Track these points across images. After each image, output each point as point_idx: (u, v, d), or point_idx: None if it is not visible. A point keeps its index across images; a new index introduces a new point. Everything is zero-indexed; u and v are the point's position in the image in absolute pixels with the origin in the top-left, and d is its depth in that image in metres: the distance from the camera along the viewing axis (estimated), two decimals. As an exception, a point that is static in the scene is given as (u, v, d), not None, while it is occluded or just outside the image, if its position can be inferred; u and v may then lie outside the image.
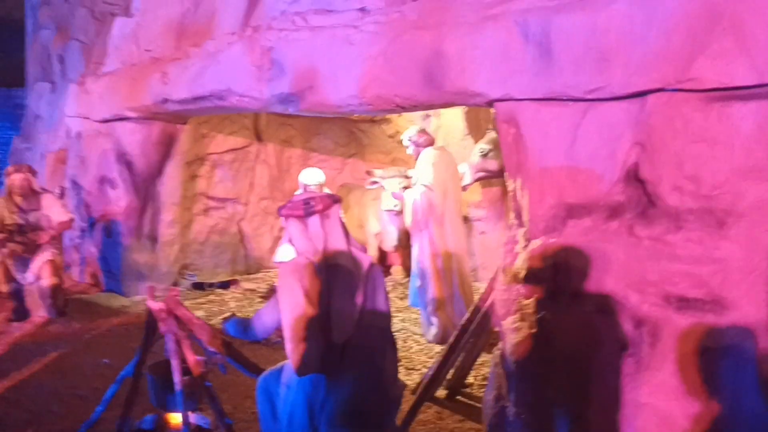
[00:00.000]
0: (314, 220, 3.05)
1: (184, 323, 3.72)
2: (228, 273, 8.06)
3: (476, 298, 5.87)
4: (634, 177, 3.24)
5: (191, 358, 3.64)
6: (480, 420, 3.99)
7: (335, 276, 3.00)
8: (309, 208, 3.06)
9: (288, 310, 2.97)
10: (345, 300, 2.99)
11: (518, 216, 3.78)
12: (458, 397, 4.40)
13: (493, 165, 6.14)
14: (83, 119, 7.38)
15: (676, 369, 3.04)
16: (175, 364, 3.56)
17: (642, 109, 3.18)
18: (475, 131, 7.40)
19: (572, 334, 3.35)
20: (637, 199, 3.24)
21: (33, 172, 6.43)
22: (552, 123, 3.47)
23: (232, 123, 7.84)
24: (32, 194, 6.32)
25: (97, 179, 7.13)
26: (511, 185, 3.78)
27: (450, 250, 5.48)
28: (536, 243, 3.54)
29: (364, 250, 3.20)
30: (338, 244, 3.06)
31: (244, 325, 3.28)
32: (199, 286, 7.43)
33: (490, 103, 3.77)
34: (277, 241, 8.52)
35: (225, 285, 7.53)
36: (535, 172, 3.55)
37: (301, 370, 2.98)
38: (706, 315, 2.98)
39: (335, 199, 3.15)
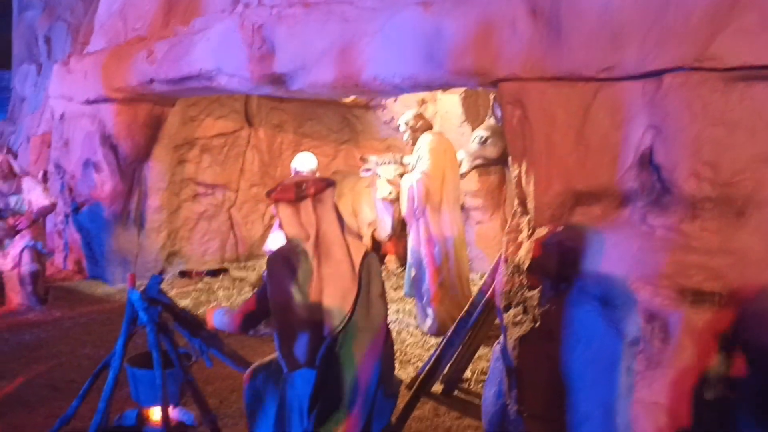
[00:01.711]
0: (306, 205, 2.83)
1: (167, 313, 3.52)
2: (217, 261, 7.83)
3: (473, 289, 5.70)
4: (647, 162, 3.05)
5: (174, 349, 3.44)
6: (478, 416, 3.81)
7: (328, 263, 2.80)
8: (301, 191, 2.84)
9: (277, 300, 2.77)
10: (338, 289, 2.78)
11: (522, 203, 3.58)
12: (455, 393, 4.21)
13: (491, 152, 5.97)
14: (67, 100, 7.12)
15: (689, 367, 2.87)
16: (156, 356, 3.35)
17: (657, 89, 2.98)
18: (473, 118, 7.20)
19: (578, 328, 3.17)
20: (650, 186, 3.05)
21: (13, 154, 6.19)
22: (560, 105, 3.26)
23: (222, 106, 7.59)
24: (12, 177, 6.06)
25: (81, 162, 6.87)
26: (515, 171, 3.57)
27: (447, 239, 5.28)
28: (542, 232, 3.34)
29: (359, 237, 2.99)
30: (331, 230, 2.85)
31: (226, 316, 3.06)
32: (186, 274, 7.20)
33: (495, 84, 3.56)
34: (268, 229, 8.30)
35: (214, 273, 7.30)
36: (541, 157, 3.35)
37: (291, 364, 2.79)
38: (723, 310, 2.80)
39: (328, 183, 2.94)
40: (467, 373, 4.40)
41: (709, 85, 2.83)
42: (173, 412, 3.56)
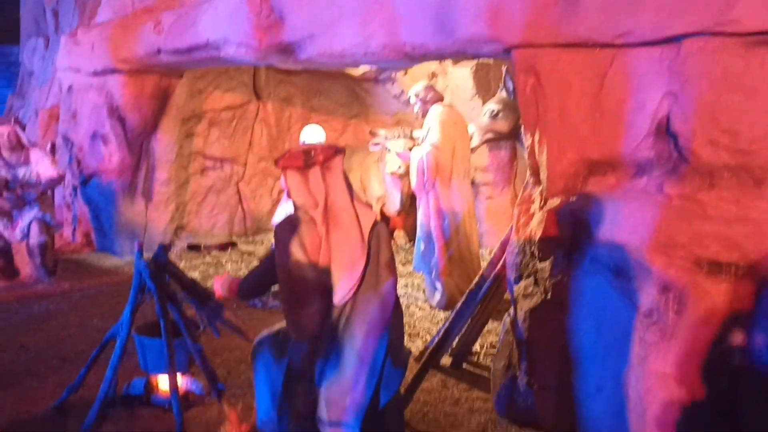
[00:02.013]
0: (315, 172, 2.78)
1: (175, 282, 3.50)
2: (225, 235, 7.81)
3: (483, 264, 5.66)
4: (664, 130, 2.98)
5: (182, 318, 3.43)
6: (487, 389, 3.79)
7: (337, 232, 2.75)
8: (309, 158, 2.78)
9: (285, 269, 2.73)
10: (347, 258, 2.74)
11: (535, 174, 3.52)
12: (464, 365, 4.18)
13: (502, 126, 5.84)
14: (74, 72, 7.06)
15: (704, 339, 2.82)
16: (163, 325, 3.34)
17: (675, 55, 2.90)
18: (484, 91, 7.10)
19: (590, 299, 3.12)
20: (667, 155, 2.98)
21: (21, 125, 6.15)
22: (575, 72, 3.18)
23: (230, 79, 7.51)
24: (20, 148, 6.04)
25: (89, 135, 6.83)
26: (528, 141, 3.50)
27: (456, 213, 5.22)
28: (554, 202, 3.28)
29: (369, 206, 2.94)
30: (340, 198, 2.80)
31: (238, 284, 3.03)
32: (195, 248, 7.19)
33: (507, 51, 3.48)
34: (276, 203, 8.26)
35: (222, 247, 7.29)
36: (555, 126, 3.27)
37: (299, 333, 2.76)
38: (740, 280, 2.74)
39: (337, 150, 2.88)
40: (476, 347, 4.37)
41: (730, 50, 2.75)
42: (181, 381, 3.55)
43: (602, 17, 3.02)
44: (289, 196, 2.90)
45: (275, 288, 3.10)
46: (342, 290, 2.73)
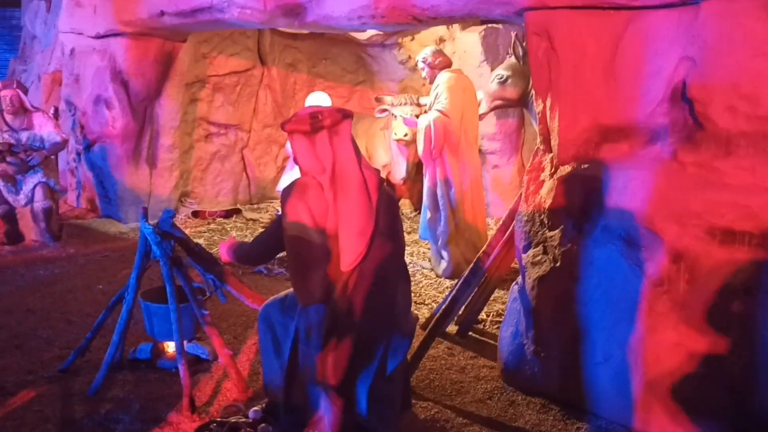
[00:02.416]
0: (322, 136, 2.73)
1: (181, 248, 3.47)
2: (230, 202, 7.77)
3: (489, 233, 5.62)
4: (680, 96, 2.90)
5: (188, 284, 3.41)
6: (493, 357, 3.78)
7: (344, 198, 2.71)
8: (316, 122, 2.73)
9: (292, 234, 2.70)
10: (354, 224, 2.70)
11: (546, 140, 3.45)
12: (470, 334, 4.17)
13: (511, 93, 5.74)
14: (77, 35, 6.94)
15: (715, 309, 2.79)
16: (170, 290, 3.32)
17: (694, 19, 2.82)
18: (493, 57, 6.97)
19: (600, 268, 3.08)
20: (682, 122, 2.91)
21: (23, 89, 6.06)
22: (590, 35, 3.10)
23: (235, 43, 7.40)
24: (23, 112, 5.98)
25: (92, 99, 6.74)
26: (539, 106, 3.43)
27: (464, 181, 5.16)
28: (566, 169, 3.22)
29: (377, 171, 2.89)
30: (348, 163, 2.76)
31: (244, 250, 3.00)
32: (199, 215, 7.16)
33: (520, 13, 3.39)
34: (280, 171, 8.20)
35: (226, 214, 7.25)
36: (568, 91, 3.20)
37: (306, 299, 2.74)
38: (755, 250, 2.69)
39: (345, 114, 2.82)
40: (482, 315, 4.35)
41: (752, 13, 2.66)
42: (188, 346, 3.54)
43: (620, -21, 2.93)
44: (295, 160, 2.85)
45: (281, 255, 3.07)
46: (349, 257, 2.70)
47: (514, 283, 3.60)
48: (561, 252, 3.22)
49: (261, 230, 6.72)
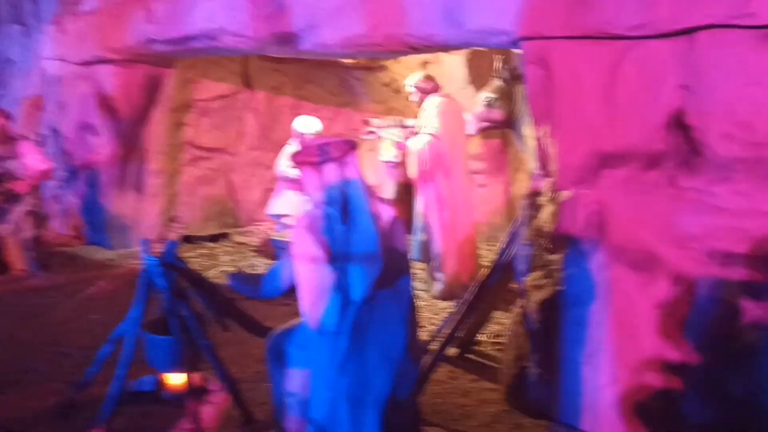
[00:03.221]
0: (330, 168, 2.76)
1: (183, 279, 3.47)
2: (217, 226, 7.74)
3: (480, 254, 5.69)
4: (677, 123, 2.99)
5: (192, 315, 3.39)
6: (494, 379, 3.82)
7: (355, 229, 2.73)
8: (325, 154, 2.76)
9: (304, 267, 2.71)
10: (367, 255, 2.72)
11: (543, 166, 3.52)
12: (468, 355, 4.20)
13: (498, 115, 5.81)
14: (61, 62, 6.89)
15: (717, 329, 2.86)
16: (174, 323, 3.31)
17: (690, 48, 2.91)
18: (477, 80, 7.06)
19: (604, 292, 3.14)
20: (679, 148, 3.00)
21: (9, 117, 6.00)
22: (587, 64, 3.18)
23: (220, 68, 7.40)
24: (8, 140, 5.90)
25: (77, 126, 6.69)
26: (537, 132, 3.50)
27: (457, 203, 5.22)
28: (566, 194, 3.29)
29: (385, 201, 2.92)
30: (358, 193, 2.78)
31: (254, 281, 3.00)
32: (187, 240, 7.11)
33: (516, 43, 3.47)
34: (267, 193, 8.19)
35: (213, 239, 7.22)
36: (566, 118, 3.28)
37: (319, 330, 2.74)
38: (753, 273, 2.78)
39: (352, 145, 2.86)
40: (480, 336, 4.39)
41: (746, 43, 2.76)
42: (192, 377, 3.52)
43: (617, 9, 3.01)
44: (305, 191, 2.88)
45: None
46: (360, 286, 2.72)
47: (515, 305, 3.65)
48: (563, 276, 3.27)
49: (251, 254, 6.72)
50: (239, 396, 3.37)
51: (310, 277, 2.71)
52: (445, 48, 4.21)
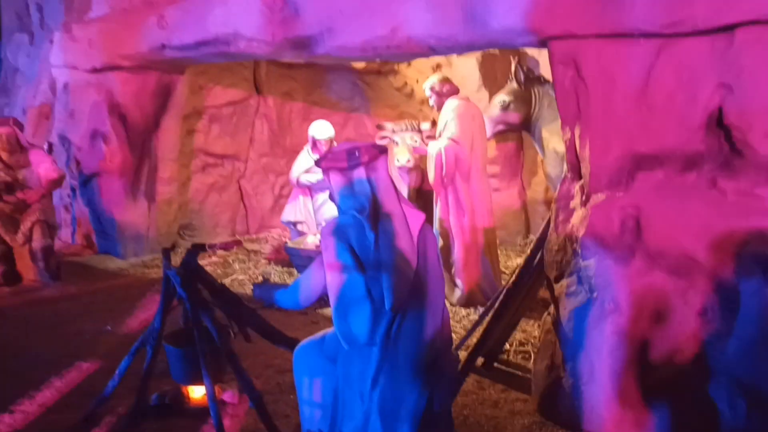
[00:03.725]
0: (359, 173, 2.66)
1: (205, 288, 3.38)
2: (228, 233, 7.66)
3: (501, 260, 5.58)
4: (716, 123, 2.90)
5: (214, 326, 3.30)
6: (523, 389, 3.71)
7: (386, 237, 2.63)
8: (353, 159, 2.66)
9: (334, 275, 2.61)
10: (398, 264, 2.62)
11: (573, 169, 3.43)
12: (495, 365, 4.09)
13: (514, 118, 5.78)
14: (71, 69, 6.81)
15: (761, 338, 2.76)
16: (198, 334, 3.21)
17: (729, 45, 2.82)
18: (490, 82, 7.00)
19: (641, 298, 3.04)
20: (718, 148, 2.91)
21: (19, 126, 5.93)
22: (620, 63, 3.09)
23: (232, 74, 7.34)
24: (19, 149, 5.83)
25: (88, 133, 6.61)
26: (566, 135, 3.41)
27: (476, 208, 5.12)
28: (599, 198, 3.19)
29: (415, 207, 2.83)
30: (388, 200, 2.69)
31: (282, 292, 2.89)
32: (199, 248, 7.00)
33: (544, 42, 3.38)
34: (278, 200, 8.12)
35: (227, 246, 7.13)
36: (598, 120, 3.18)
37: (350, 341, 2.64)
38: (800, 277, 2.68)
39: (382, 150, 2.76)
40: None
41: (789, 39, 2.67)
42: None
43: (651, 6, 2.92)
44: (332, 198, 2.79)
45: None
46: (393, 296, 2.62)
47: (546, 313, 3.55)
48: (597, 282, 3.17)
49: (264, 262, 6.63)
50: (264, 409, 3.26)
51: (342, 287, 2.61)
52: (468, 49, 4.13)
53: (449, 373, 2.87)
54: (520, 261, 5.43)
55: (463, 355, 3.86)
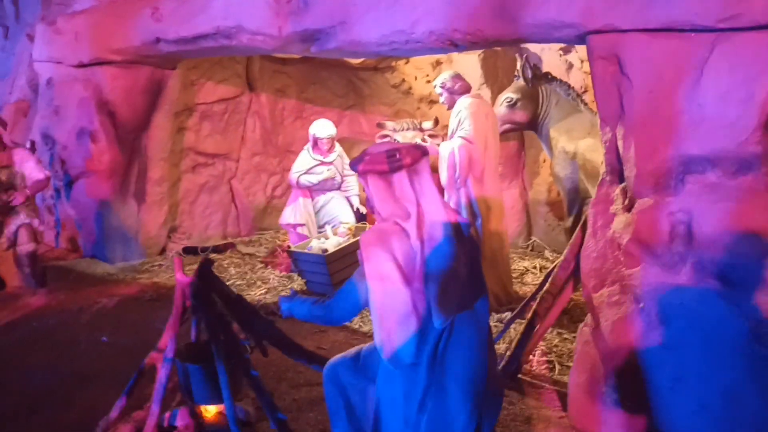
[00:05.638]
0: (401, 177, 2.44)
1: (221, 300, 3.13)
2: (219, 235, 7.37)
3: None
4: (774, 124, 2.73)
5: (233, 340, 3.05)
6: (553, 403, 3.53)
7: (433, 246, 2.42)
8: (394, 161, 2.44)
9: (378, 288, 2.38)
10: (446, 276, 2.41)
11: (612, 171, 3.24)
12: (519, 376, 3.90)
13: (521, 116, 5.62)
14: (56, 64, 6.47)
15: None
16: (216, 349, 2.96)
17: (790, 40, 2.65)
18: (492, 80, 6.81)
19: (692, 309, 2.87)
20: (777, 150, 2.74)
21: (3, 124, 5.59)
22: (668, 59, 2.90)
23: (224, 69, 7.06)
24: (2, 148, 5.49)
25: (75, 132, 6.27)
26: (606, 135, 3.22)
27: (489, 210, 4.93)
28: (646, 202, 3.01)
29: (457, 213, 2.62)
30: (432, 206, 2.46)
31: (316, 305, 2.65)
32: (191, 251, 6.74)
33: (582, 37, 3.19)
34: (270, 200, 7.86)
35: (220, 249, 6.85)
36: (643, 119, 2.99)
37: (394, 361, 2.42)
38: None
39: (424, 151, 2.54)
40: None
41: None
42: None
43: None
44: (371, 205, 2.56)
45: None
46: (441, 311, 2.41)
47: (583, 324, 3.36)
48: (643, 292, 2.99)
49: (260, 266, 6.35)
50: (286, 427, 3.02)
51: (386, 301, 2.39)
52: (495, 44, 3.92)
53: (497, 393, 2.66)
54: (544, 264, 5.25)
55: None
